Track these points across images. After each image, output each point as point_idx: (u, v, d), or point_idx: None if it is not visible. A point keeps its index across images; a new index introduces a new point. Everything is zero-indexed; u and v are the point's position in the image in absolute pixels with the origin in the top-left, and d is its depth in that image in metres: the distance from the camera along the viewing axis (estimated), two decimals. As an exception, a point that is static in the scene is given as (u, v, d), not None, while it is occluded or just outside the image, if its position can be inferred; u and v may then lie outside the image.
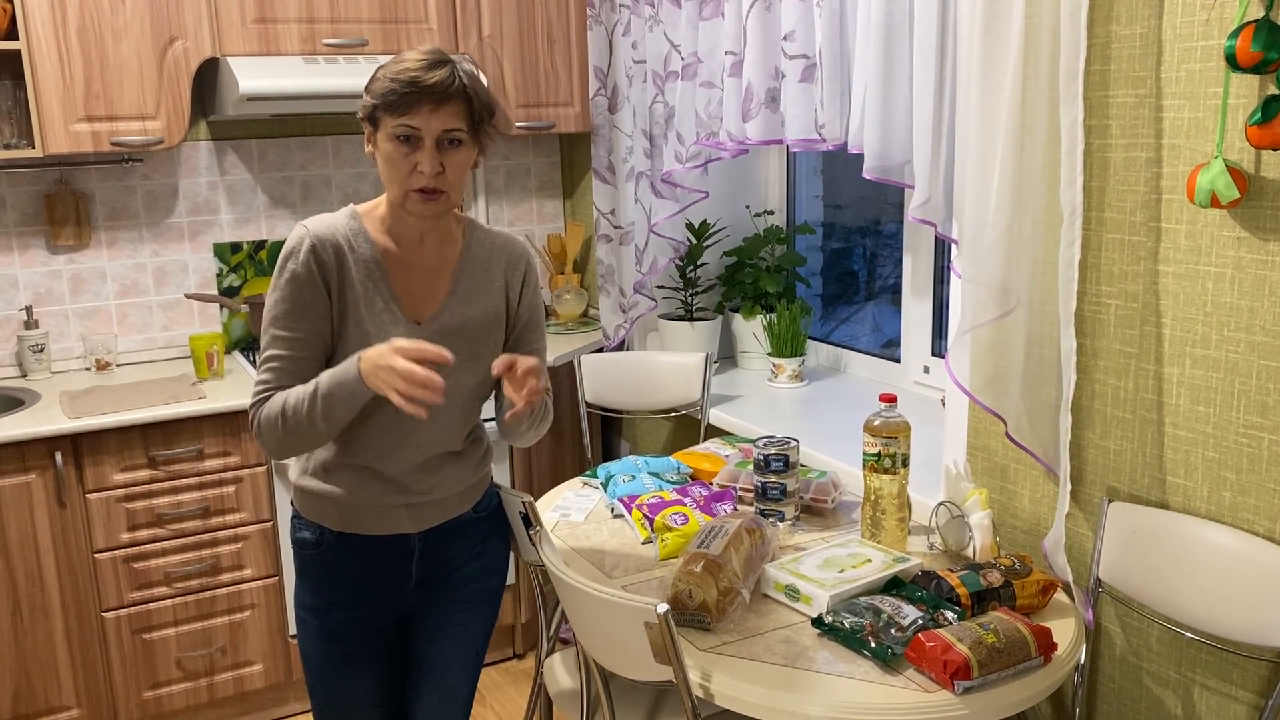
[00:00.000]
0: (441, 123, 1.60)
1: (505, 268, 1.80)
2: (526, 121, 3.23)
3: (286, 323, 1.67)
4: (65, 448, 2.57)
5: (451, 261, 1.75)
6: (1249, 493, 1.64)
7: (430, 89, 1.58)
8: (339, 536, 1.77)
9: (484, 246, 1.79)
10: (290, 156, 3.27)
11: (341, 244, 1.68)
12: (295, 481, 1.79)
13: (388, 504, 1.75)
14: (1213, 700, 1.74)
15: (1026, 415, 1.92)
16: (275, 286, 1.68)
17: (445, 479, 1.78)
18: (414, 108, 1.58)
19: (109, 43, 2.70)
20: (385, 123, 1.61)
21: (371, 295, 1.68)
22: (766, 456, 2.04)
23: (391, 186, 1.65)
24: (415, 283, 1.72)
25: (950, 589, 1.66)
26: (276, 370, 1.67)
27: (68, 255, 3.05)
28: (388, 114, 1.60)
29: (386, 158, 1.63)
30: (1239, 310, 1.62)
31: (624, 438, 3.48)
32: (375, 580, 1.80)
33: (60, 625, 2.65)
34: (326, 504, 1.76)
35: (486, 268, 1.78)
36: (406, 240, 1.72)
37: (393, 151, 1.61)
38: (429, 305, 1.72)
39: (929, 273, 2.78)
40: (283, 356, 1.67)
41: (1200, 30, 1.61)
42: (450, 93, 1.59)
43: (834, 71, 2.27)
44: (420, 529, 1.78)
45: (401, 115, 1.59)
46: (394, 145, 1.61)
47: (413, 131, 1.60)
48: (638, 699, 1.94)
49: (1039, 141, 1.81)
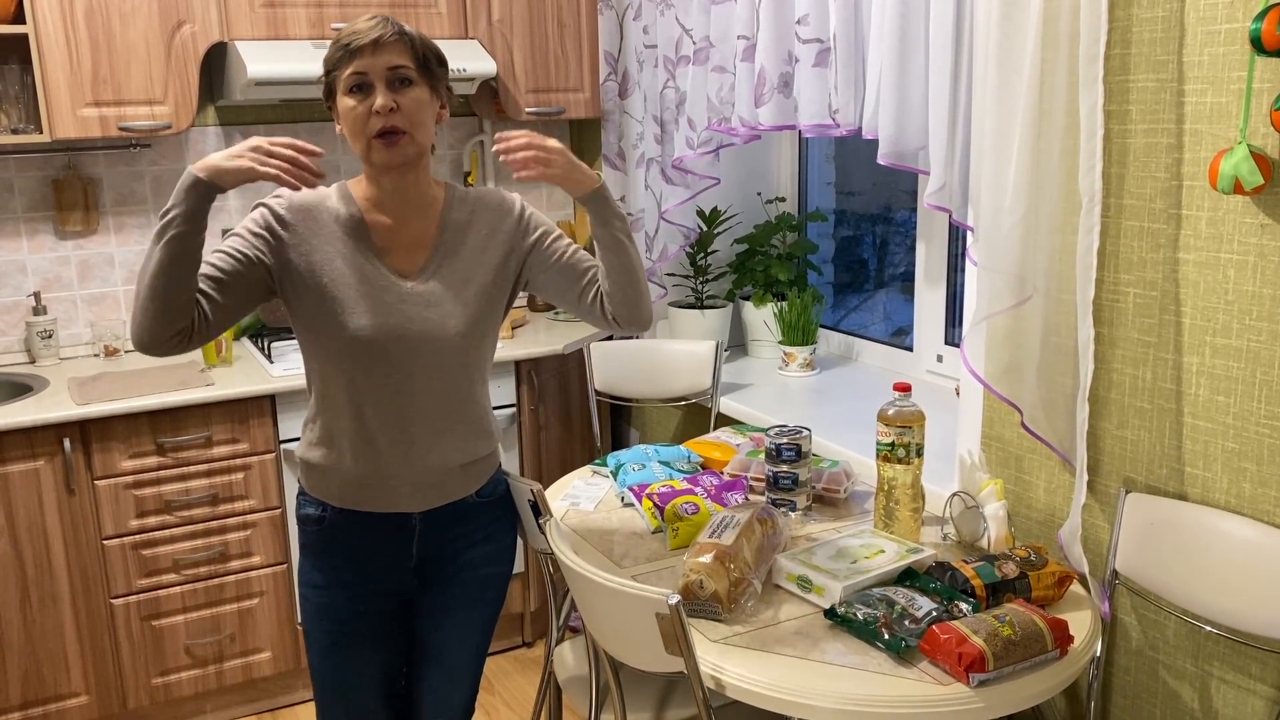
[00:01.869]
0: (385, 61, 1.63)
1: (494, 221, 1.79)
2: (536, 107, 3.20)
3: (230, 239, 1.69)
4: (74, 434, 2.57)
5: (434, 221, 1.76)
6: (1270, 484, 1.62)
7: (367, 36, 1.63)
8: (340, 513, 1.77)
9: (465, 205, 1.79)
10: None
11: (316, 208, 1.72)
12: (301, 455, 1.79)
13: (390, 479, 1.74)
14: (1230, 694, 1.72)
15: (1042, 405, 1.89)
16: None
17: (447, 449, 1.75)
18: (355, 57, 1.62)
19: (116, 27, 2.69)
20: (338, 85, 1.65)
21: (353, 253, 1.70)
22: (778, 446, 2.02)
23: (356, 142, 1.67)
24: (399, 242, 1.74)
25: (965, 580, 1.64)
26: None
27: (76, 241, 3.04)
28: (337, 73, 1.65)
29: (345, 115, 1.66)
30: (1261, 298, 1.59)
31: (634, 426, 3.46)
32: (375, 559, 1.79)
33: (69, 612, 2.65)
34: (330, 477, 1.75)
35: (471, 223, 1.78)
36: (388, 203, 1.73)
37: (349, 106, 1.64)
38: (414, 262, 1.73)
39: (942, 261, 2.75)
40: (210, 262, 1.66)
41: (1224, 13, 1.57)
42: (387, 37, 1.64)
43: (848, 56, 2.24)
44: (422, 509, 1.77)
45: (346, 67, 1.63)
46: (350, 100, 1.64)
47: (361, 79, 1.63)
48: (647, 689, 1.93)
49: (1057, 127, 1.78)
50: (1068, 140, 1.78)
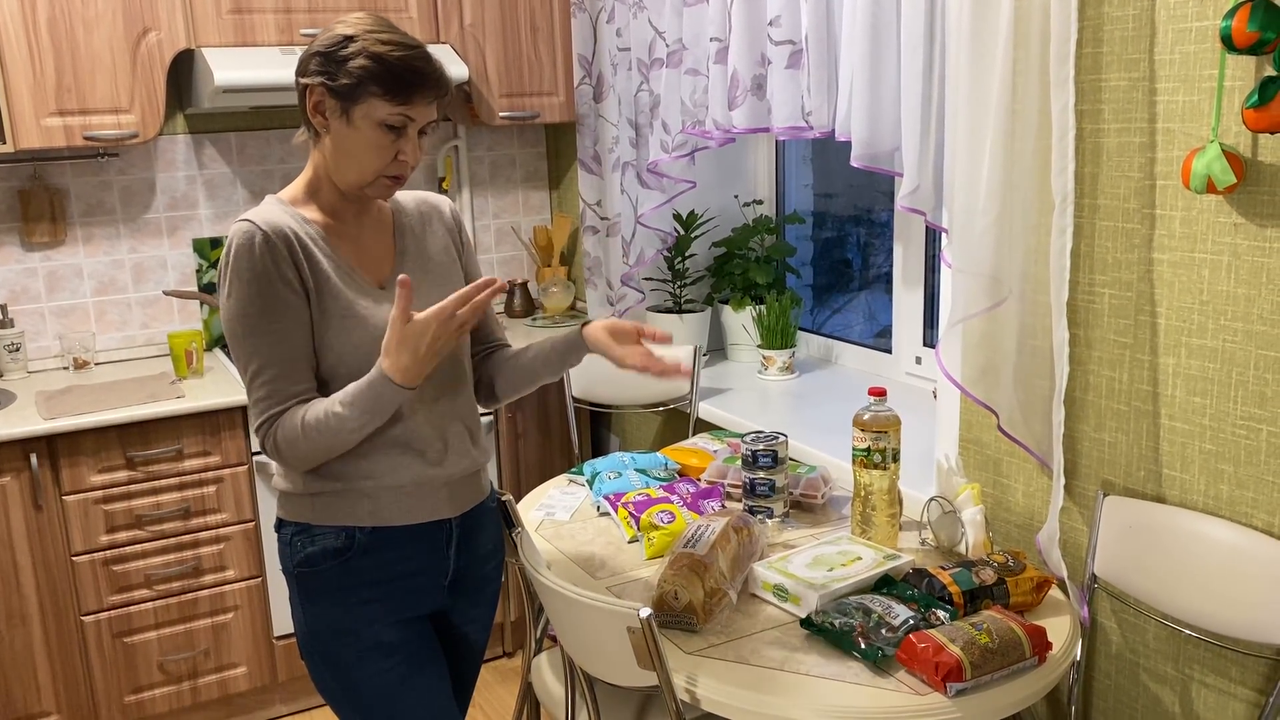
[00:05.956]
0: (430, 115, 1.56)
1: (438, 219, 1.76)
2: (510, 112, 3.17)
3: (263, 324, 1.53)
4: (40, 449, 2.52)
5: (387, 226, 1.70)
6: (1247, 485, 1.60)
7: (434, 80, 1.53)
8: (372, 534, 1.62)
9: (407, 207, 1.74)
10: (270, 149, 3.21)
11: (287, 229, 1.56)
12: (307, 489, 1.62)
13: (427, 482, 1.64)
14: (1211, 697, 1.71)
15: (1019, 408, 1.88)
16: (234, 293, 1.53)
17: (468, 446, 1.69)
18: (414, 97, 1.52)
19: (80, 35, 2.64)
20: (373, 105, 1.52)
21: (337, 271, 1.60)
22: (754, 452, 2.00)
23: (359, 170, 1.56)
24: (363, 253, 1.66)
25: (942, 587, 1.62)
26: (271, 384, 1.54)
27: (43, 252, 2.99)
28: (383, 99, 1.51)
29: (364, 142, 1.54)
30: (1235, 298, 1.58)
31: (614, 432, 3.44)
32: (413, 576, 1.66)
33: (39, 630, 2.60)
34: (358, 500, 1.62)
35: (422, 224, 1.74)
36: (343, 217, 1.65)
37: (377, 138, 1.53)
38: (382, 270, 1.67)
39: (920, 262, 2.73)
40: (272, 364, 1.54)
41: (1195, 10, 1.56)
42: (445, 85, 1.56)
43: (821, 58, 2.22)
44: (459, 511, 1.69)
45: (402, 104, 1.52)
46: (378, 132, 1.53)
47: (407, 121, 1.54)
48: (624, 702, 1.90)
49: (1030, 127, 1.76)
50: (1040, 141, 1.76)
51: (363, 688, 1.64)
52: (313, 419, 1.53)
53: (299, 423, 1.54)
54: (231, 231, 1.55)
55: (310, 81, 1.55)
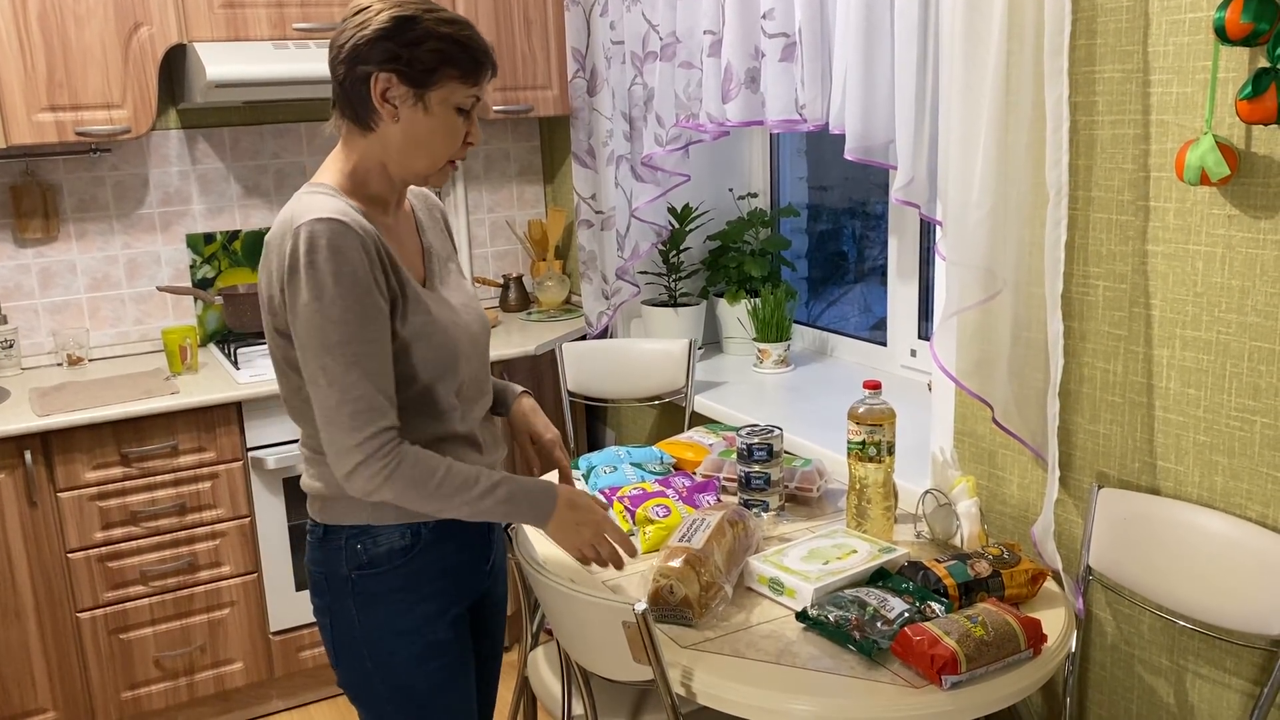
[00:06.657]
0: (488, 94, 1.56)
1: (437, 211, 1.75)
2: (504, 105, 3.16)
3: (365, 333, 1.41)
4: (35, 446, 2.52)
5: (410, 221, 1.65)
6: (1241, 477, 1.61)
7: (494, 58, 1.50)
8: (436, 529, 1.57)
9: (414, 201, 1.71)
10: (263, 144, 3.20)
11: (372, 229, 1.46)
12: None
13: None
14: (1205, 688, 1.71)
15: (1014, 400, 1.88)
16: (326, 297, 1.38)
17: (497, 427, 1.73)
18: (483, 77, 1.48)
19: (71, 30, 2.63)
20: (450, 89, 1.45)
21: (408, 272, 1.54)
22: (750, 446, 2.00)
23: (431, 157, 1.49)
24: (403, 249, 1.59)
25: (937, 580, 1.62)
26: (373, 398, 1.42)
27: (36, 248, 2.98)
28: (459, 81, 1.45)
29: (440, 127, 1.46)
30: (1230, 290, 1.58)
31: (609, 426, 3.44)
32: (467, 563, 1.64)
33: (34, 627, 2.60)
34: None
35: (430, 218, 1.71)
36: (388, 211, 1.58)
37: (451, 122, 1.47)
38: (418, 268, 1.61)
39: (915, 255, 2.73)
40: (372, 376, 1.42)
41: (1188, 2, 1.56)
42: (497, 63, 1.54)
43: (814, 50, 2.22)
44: None
45: (475, 84, 1.47)
46: (452, 116, 1.47)
47: (474, 103, 1.49)
48: (621, 696, 1.90)
49: (1023, 119, 1.76)
50: (1034, 133, 1.76)
51: (416, 688, 1.59)
52: (459, 474, 1.48)
53: (441, 469, 1.46)
54: (309, 229, 1.39)
55: (376, 69, 1.44)
